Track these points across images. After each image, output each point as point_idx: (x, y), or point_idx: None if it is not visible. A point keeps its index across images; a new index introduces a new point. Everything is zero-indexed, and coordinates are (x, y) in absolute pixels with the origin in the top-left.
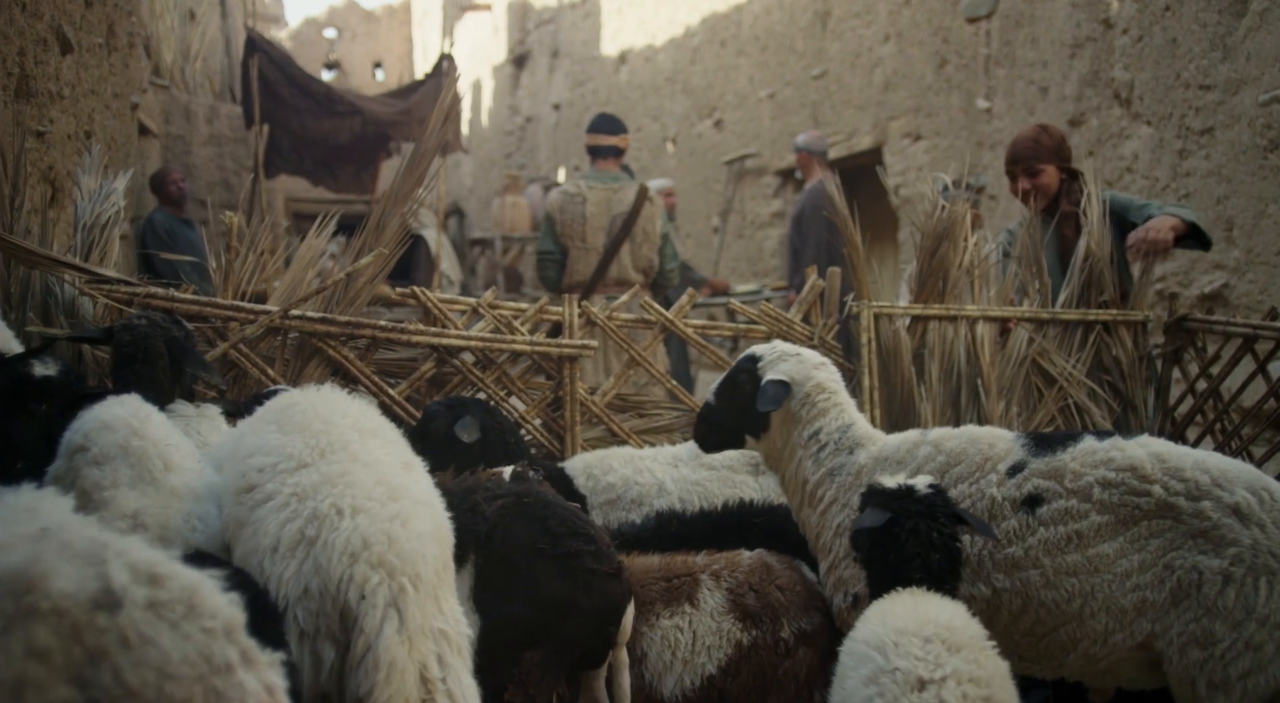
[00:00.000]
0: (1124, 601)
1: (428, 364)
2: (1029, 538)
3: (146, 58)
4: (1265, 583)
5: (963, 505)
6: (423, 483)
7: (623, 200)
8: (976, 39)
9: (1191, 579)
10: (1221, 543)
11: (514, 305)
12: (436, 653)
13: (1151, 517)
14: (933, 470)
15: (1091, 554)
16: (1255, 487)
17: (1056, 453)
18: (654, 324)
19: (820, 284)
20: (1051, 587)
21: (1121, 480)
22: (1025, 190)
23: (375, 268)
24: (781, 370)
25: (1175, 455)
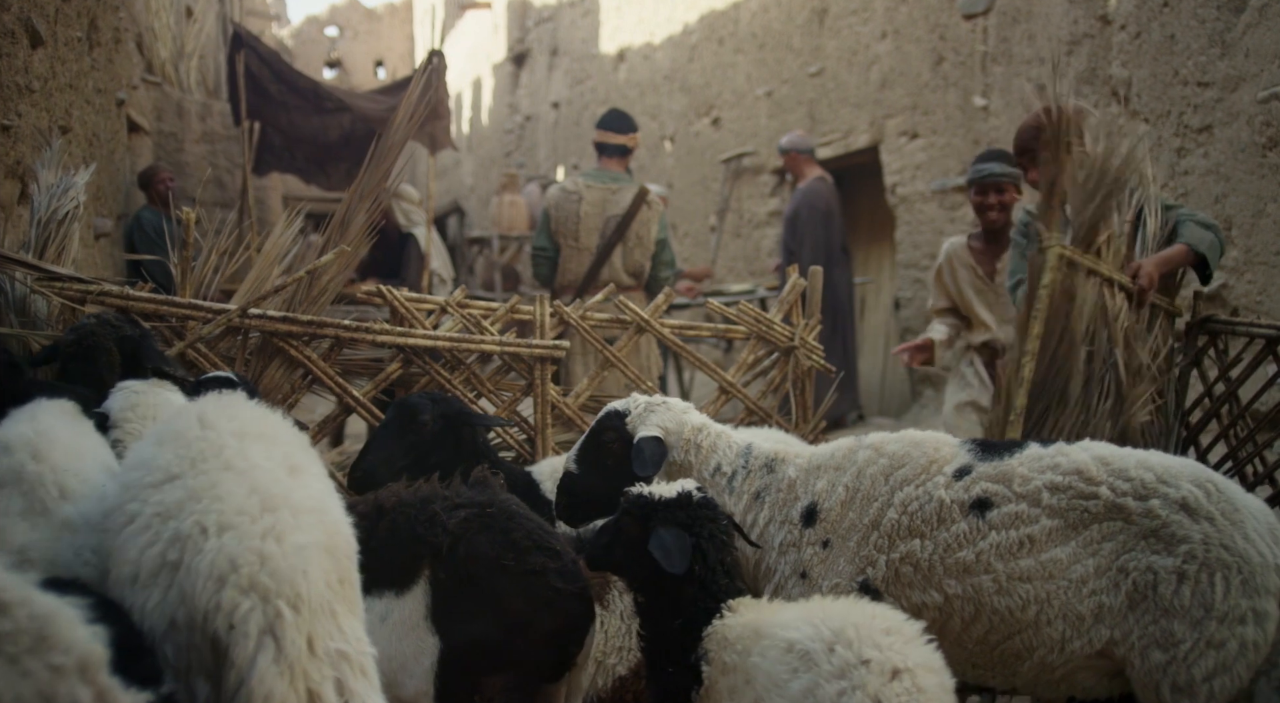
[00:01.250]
0: (1081, 607)
1: (394, 365)
2: (980, 542)
3: (140, 55)
4: (1221, 578)
5: (910, 509)
6: (311, 489)
7: (619, 202)
8: (973, 36)
9: (1147, 581)
10: (1173, 541)
11: (484, 304)
12: (334, 678)
13: (1101, 519)
14: (875, 474)
15: (1044, 559)
16: (1200, 480)
17: (1003, 458)
18: (630, 324)
19: (801, 283)
20: (1005, 593)
21: (1069, 484)
22: (1034, 181)
23: (339, 265)
24: (654, 424)
25: (1118, 457)
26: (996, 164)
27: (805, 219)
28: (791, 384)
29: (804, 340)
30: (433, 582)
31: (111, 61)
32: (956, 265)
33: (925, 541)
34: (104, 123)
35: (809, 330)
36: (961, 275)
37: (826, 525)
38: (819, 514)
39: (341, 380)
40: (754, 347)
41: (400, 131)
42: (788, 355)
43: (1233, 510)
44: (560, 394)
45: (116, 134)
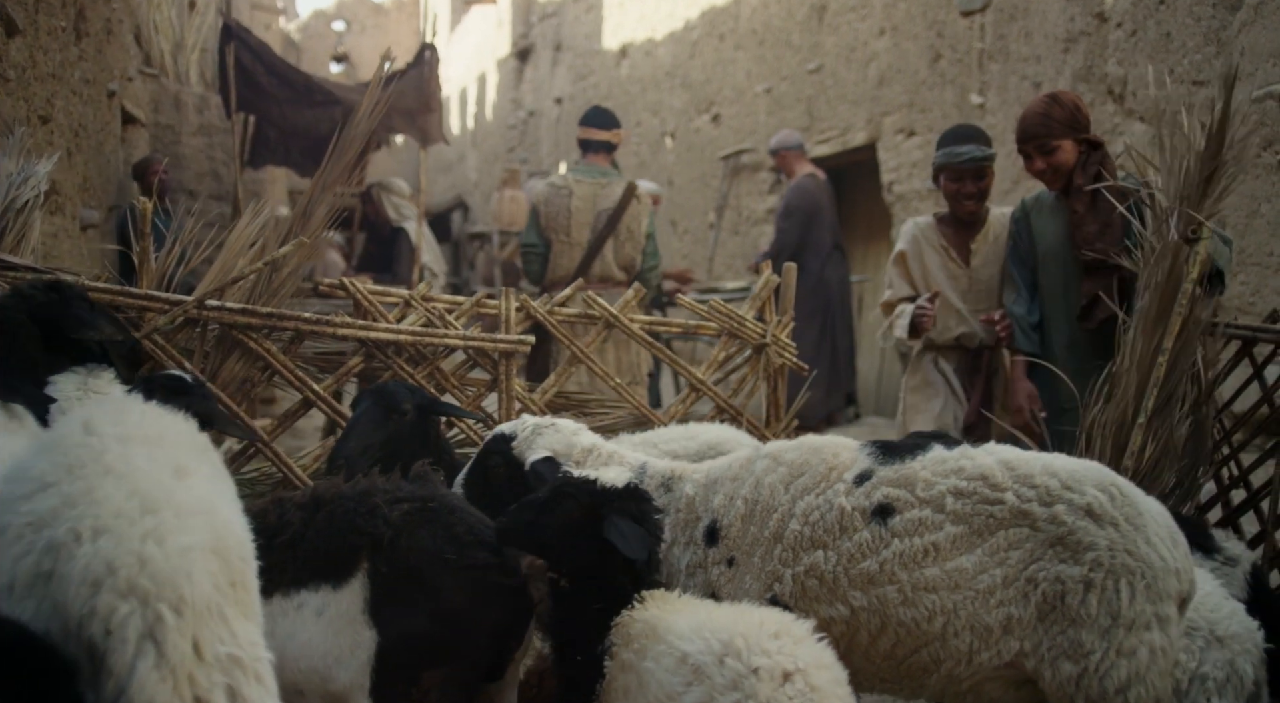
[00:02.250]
0: (989, 619)
1: (355, 358)
2: (883, 551)
3: (138, 47)
4: (1126, 585)
5: (812, 519)
6: (197, 490)
7: (609, 196)
8: (970, 33)
9: (1055, 591)
10: (1079, 548)
11: (449, 298)
12: (225, 683)
13: (1007, 526)
14: (773, 484)
15: (950, 568)
16: (1104, 484)
17: (905, 461)
18: (598, 320)
19: (775, 280)
20: (910, 604)
21: (974, 489)
22: (1041, 170)
23: (300, 258)
24: (542, 447)
25: (1023, 461)
26: (974, 146)
27: (793, 216)
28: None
29: (776, 337)
30: (371, 575)
31: (101, 52)
32: (925, 248)
33: (828, 551)
34: (92, 114)
35: (781, 328)
36: (931, 259)
37: (729, 542)
38: (720, 532)
39: (301, 374)
40: (725, 344)
41: (364, 124)
42: (759, 353)
43: (1136, 515)
44: (527, 390)
45: (107, 125)
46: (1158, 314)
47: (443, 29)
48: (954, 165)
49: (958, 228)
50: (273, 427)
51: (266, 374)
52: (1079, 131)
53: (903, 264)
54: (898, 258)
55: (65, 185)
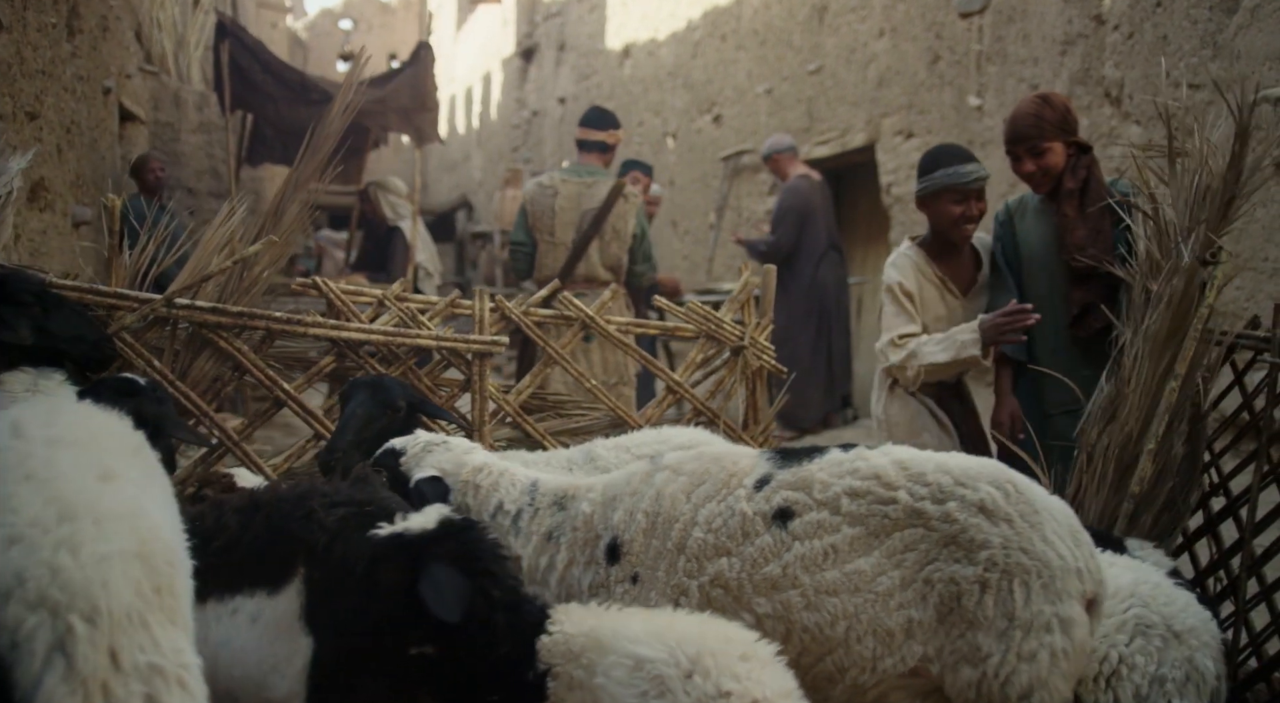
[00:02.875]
0: (890, 622)
1: (327, 358)
2: (785, 555)
3: (138, 44)
4: (1020, 584)
5: (715, 526)
6: (123, 495)
7: (594, 196)
8: (969, 34)
9: (951, 592)
10: (972, 547)
11: (423, 298)
12: (144, 692)
13: (902, 526)
14: (674, 494)
15: (849, 570)
16: (999, 481)
17: (802, 464)
18: (574, 321)
19: (754, 282)
20: (813, 609)
21: (868, 489)
22: (1030, 172)
23: (272, 256)
24: (430, 465)
25: (917, 460)
26: (977, 166)
27: (787, 218)
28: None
29: (754, 340)
30: (307, 581)
31: (96, 49)
32: (923, 282)
33: (732, 558)
34: (86, 111)
35: (760, 330)
36: (929, 294)
37: (632, 558)
38: (622, 548)
39: (272, 374)
40: (703, 346)
41: (337, 122)
42: (737, 355)
43: (1031, 512)
44: (502, 391)
45: (102, 122)
46: (1168, 336)
47: (449, 28)
48: (961, 187)
49: (945, 255)
50: (242, 427)
51: (237, 373)
52: (1069, 134)
53: (909, 300)
54: (901, 291)
55: (55, 182)
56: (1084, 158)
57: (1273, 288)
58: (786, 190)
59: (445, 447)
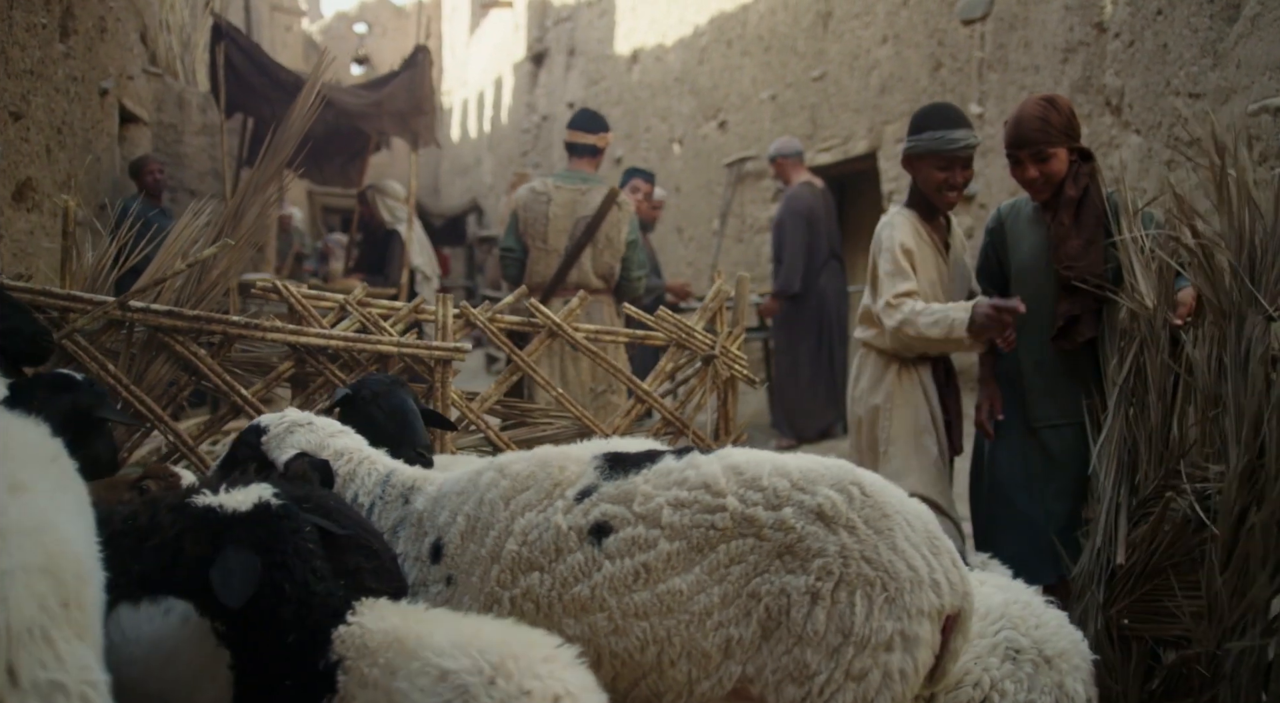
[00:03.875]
0: (707, 643)
1: (286, 363)
2: (595, 575)
3: (143, 46)
4: (861, 596)
5: (530, 538)
6: (32, 507)
7: (589, 203)
8: (971, 42)
9: (780, 605)
10: (807, 556)
11: (385, 303)
12: None
13: (730, 537)
14: (494, 500)
15: (662, 591)
16: (843, 483)
17: (629, 474)
18: (541, 327)
19: (726, 291)
20: (620, 634)
21: (694, 499)
22: (1033, 178)
23: (230, 259)
24: (291, 446)
25: (753, 463)
26: (967, 132)
27: (788, 226)
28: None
29: (725, 349)
30: None
31: (92, 50)
32: (921, 243)
33: (544, 574)
34: (80, 111)
35: (732, 339)
36: (927, 256)
37: (449, 560)
38: (443, 549)
39: (229, 379)
40: (673, 355)
41: (298, 123)
42: (708, 364)
43: (879, 517)
44: (464, 398)
45: (98, 123)
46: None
47: (463, 32)
48: (946, 152)
49: (930, 220)
50: (198, 431)
51: (194, 378)
52: (1074, 139)
53: (905, 255)
54: (903, 252)
55: (44, 182)
56: (1086, 166)
57: None
58: (790, 197)
59: (310, 427)
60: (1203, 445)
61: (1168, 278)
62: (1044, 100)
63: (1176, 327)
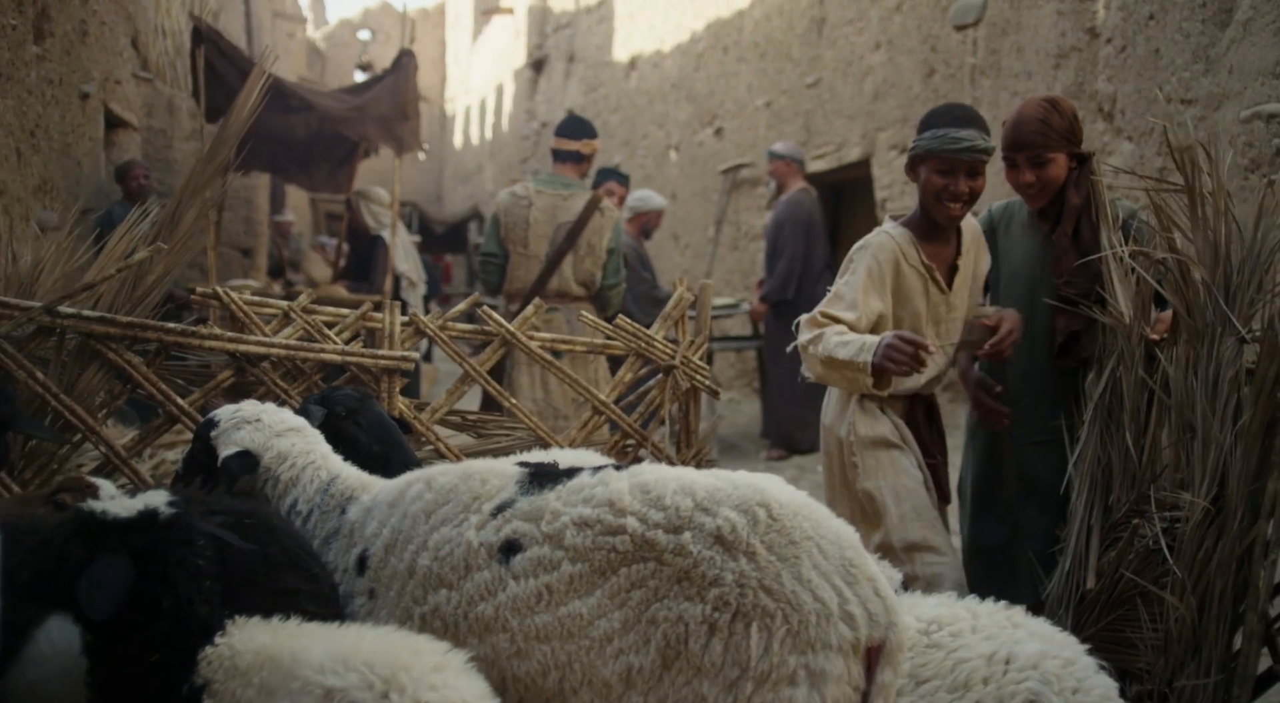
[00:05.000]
0: (607, 671)
1: (225, 372)
2: (500, 594)
3: (134, 50)
4: (759, 629)
5: (442, 554)
6: None
7: (570, 209)
8: (964, 47)
9: (678, 633)
10: (704, 583)
11: (332, 310)
12: None
13: (631, 561)
14: (417, 513)
15: (563, 614)
16: (749, 504)
17: (545, 490)
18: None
19: (689, 297)
20: (522, 656)
21: (597, 519)
22: (1029, 183)
23: (167, 264)
24: (236, 442)
25: (661, 482)
26: (975, 132)
27: (789, 232)
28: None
29: (687, 359)
30: None
31: (71, 54)
32: (905, 268)
33: (452, 591)
34: (58, 115)
35: (694, 349)
36: (912, 283)
37: (372, 573)
38: (368, 561)
39: (165, 388)
40: (632, 364)
41: (236, 125)
42: (669, 374)
43: (785, 543)
44: (411, 408)
45: (78, 127)
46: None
47: (466, 38)
48: (948, 153)
49: (931, 238)
50: (133, 443)
51: (128, 387)
52: (1075, 145)
53: (872, 280)
54: (869, 279)
55: (14, 186)
56: (1085, 170)
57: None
58: (791, 203)
59: (257, 425)
60: (1174, 470)
61: (1145, 292)
62: (1045, 101)
63: (1153, 343)
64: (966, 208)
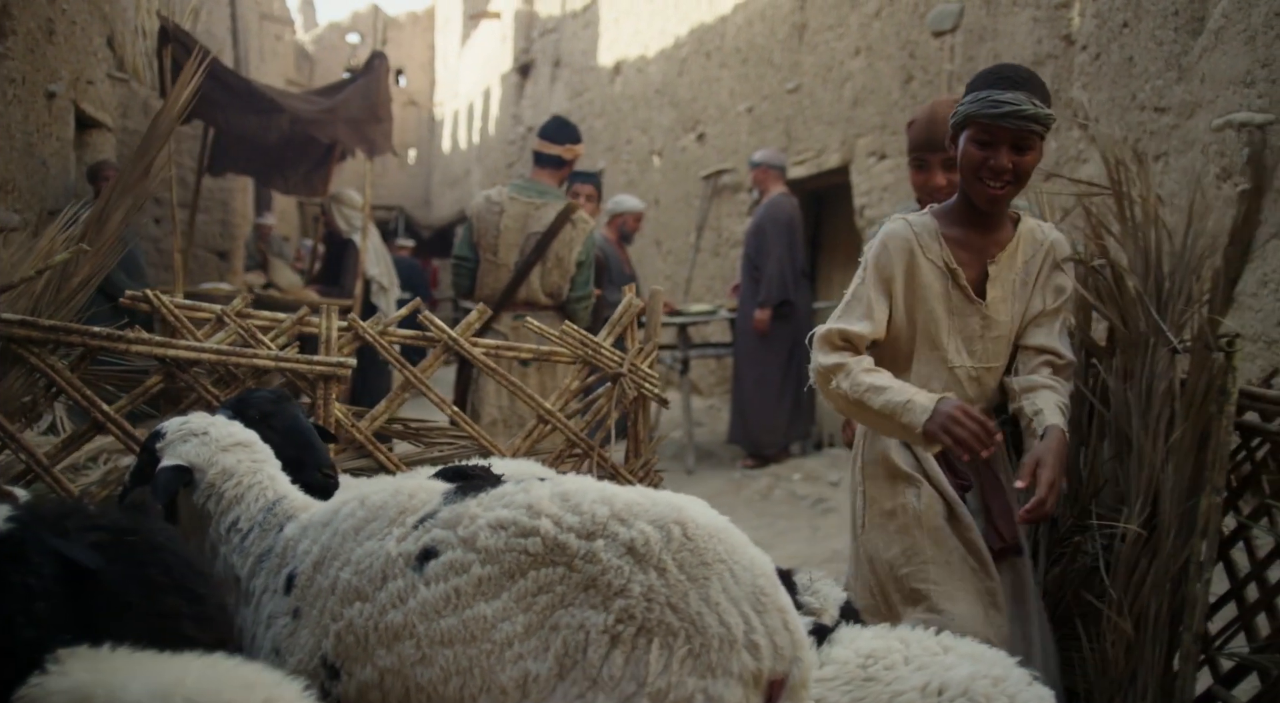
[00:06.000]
0: (504, 677)
1: (154, 378)
2: (410, 600)
3: (110, 51)
4: (660, 646)
5: (362, 567)
6: None
7: (541, 219)
8: (941, 54)
9: (578, 641)
10: (610, 593)
11: (268, 315)
12: None
13: (541, 564)
14: (347, 531)
15: (468, 617)
16: (665, 521)
17: (467, 499)
18: (436, 342)
19: (638, 304)
20: (426, 663)
21: (513, 521)
22: (940, 187)
23: (92, 267)
24: (181, 454)
25: (583, 490)
26: (1022, 95)
27: (770, 234)
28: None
29: (635, 367)
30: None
31: (35, 52)
32: (922, 264)
33: (366, 604)
34: (20, 114)
35: (643, 357)
36: (929, 283)
37: (298, 592)
38: (295, 580)
39: (90, 393)
40: (579, 372)
41: (166, 124)
42: (616, 382)
43: (697, 564)
44: (349, 415)
45: (44, 127)
46: (1194, 443)
47: (454, 43)
48: (986, 119)
49: (968, 226)
50: (55, 450)
51: (52, 392)
52: None
53: (881, 273)
54: (878, 277)
55: None
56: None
57: (1237, 321)
58: (772, 205)
59: (203, 439)
60: (1115, 485)
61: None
62: (958, 102)
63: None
64: (1013, 189)
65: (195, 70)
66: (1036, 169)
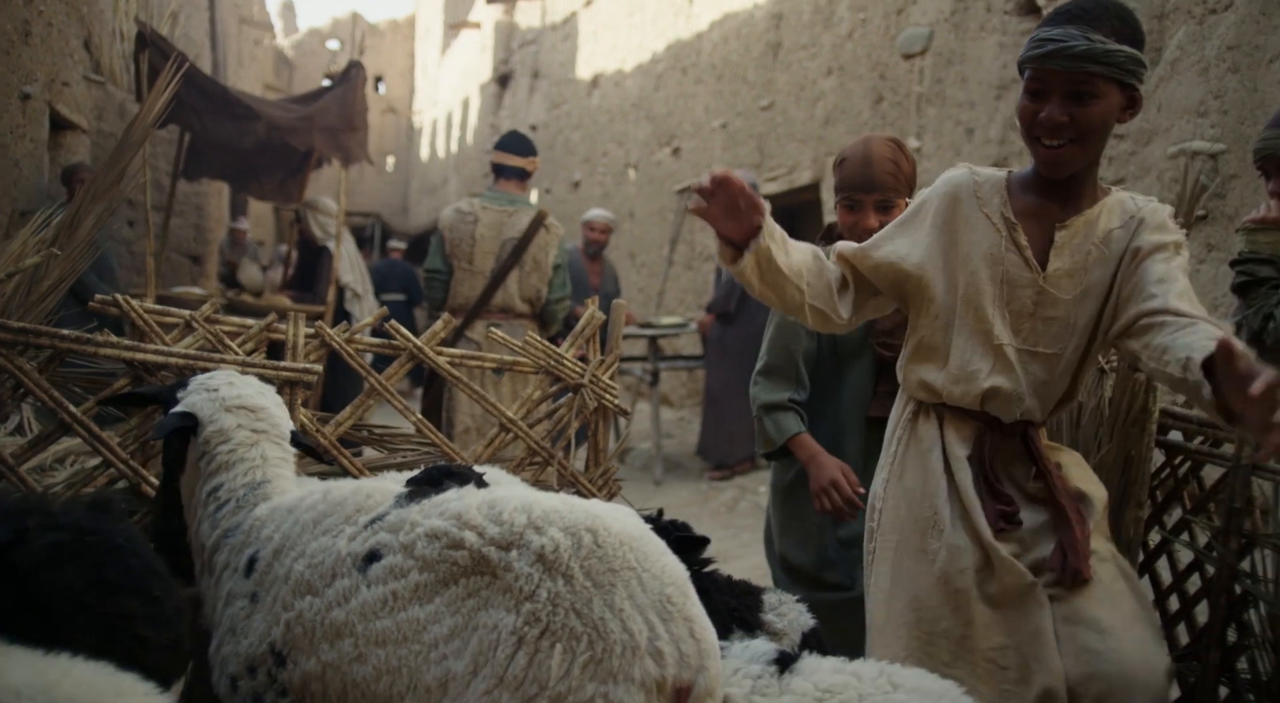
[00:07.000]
0: (428, 676)
1: (121, 380)
2: (353, 600)
3: (86, 52)
4: (563, 650)
5: (315, 561)
6: None
7: (515, 225)
8: (911, 76)
9: (490, 641)
10: (520, 597)
11: (236, 320)
12: None
13: (469, 574)
14: (307, 522)
15: (402, 619)
16: (576, 527)
17: (413, 503)
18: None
19: (600, 317)
20: (361, 661)
21: (445, 531)
22: (871, 229)
23: (63, 271)
24: (190, 404)
25: (506, 498)
26: (1075, 30)
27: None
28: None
29: (596, 377)
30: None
31: (11, 53)
32: (973, 216)
33: (316, 598)
34: None
35: (604, 368)
36: (978, 238)
37: (258, 577)
38: (256, 564)
39: (58, 395)
40: (540, 382)
41: (141, 129)
42: (577, 393)
43: (604, 571)
44: (314, 420)
45: (18, 128)
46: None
47: (435, 52)
48: (1032, 62)
49: (1045, 197)
50: (21, 450)
51: (20, 393)
52: (910, 194)
53: (917, 223)
54: (919, 211)
55: None
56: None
57: None
58: None
59: (214, 393)
60: None
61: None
62: (893, 141)
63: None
64: (1076, 149)
65: (172, 77)
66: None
